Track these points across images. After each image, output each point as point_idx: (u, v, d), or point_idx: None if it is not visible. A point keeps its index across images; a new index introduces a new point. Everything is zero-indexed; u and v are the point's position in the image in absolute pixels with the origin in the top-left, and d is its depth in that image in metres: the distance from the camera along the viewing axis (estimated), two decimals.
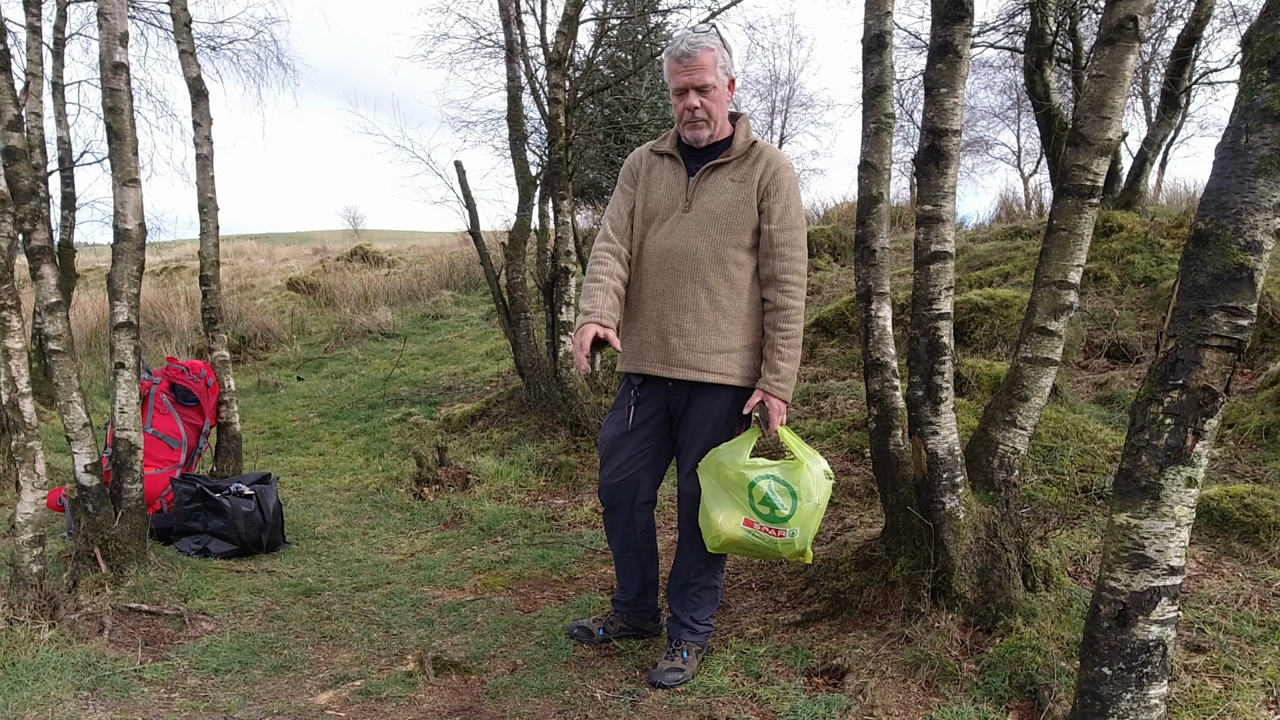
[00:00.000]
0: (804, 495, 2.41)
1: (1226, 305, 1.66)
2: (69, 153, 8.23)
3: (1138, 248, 6.29)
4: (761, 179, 2.52)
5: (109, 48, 3.32)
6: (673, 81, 2.50)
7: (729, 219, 2.51)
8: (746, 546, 2.46)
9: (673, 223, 2.55)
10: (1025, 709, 2.25)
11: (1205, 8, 7.25)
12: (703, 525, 2.51)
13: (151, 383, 4.39)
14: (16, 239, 3.16)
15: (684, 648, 2.60)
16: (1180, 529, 1.76)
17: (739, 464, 2.44)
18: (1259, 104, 1.64)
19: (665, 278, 2.54)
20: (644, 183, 2.64)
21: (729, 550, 2.51)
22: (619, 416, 2.67)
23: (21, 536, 2.87)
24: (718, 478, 2.46)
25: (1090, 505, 3.44)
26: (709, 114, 2.50)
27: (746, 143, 2.56)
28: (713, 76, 2.46)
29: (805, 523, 2.42)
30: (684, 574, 2.66)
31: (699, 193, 2.54)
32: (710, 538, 2.48)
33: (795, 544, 2.41)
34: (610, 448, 2.66)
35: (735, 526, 2.43)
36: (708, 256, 2.50)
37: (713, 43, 2.46)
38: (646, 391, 2.61)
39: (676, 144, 2.63)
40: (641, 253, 2.61)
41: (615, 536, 2.75)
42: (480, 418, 6.03)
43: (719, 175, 2.54)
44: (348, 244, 19.57)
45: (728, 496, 2.44)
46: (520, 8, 6.67)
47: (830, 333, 6.25)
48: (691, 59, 2.43)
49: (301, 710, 2.40)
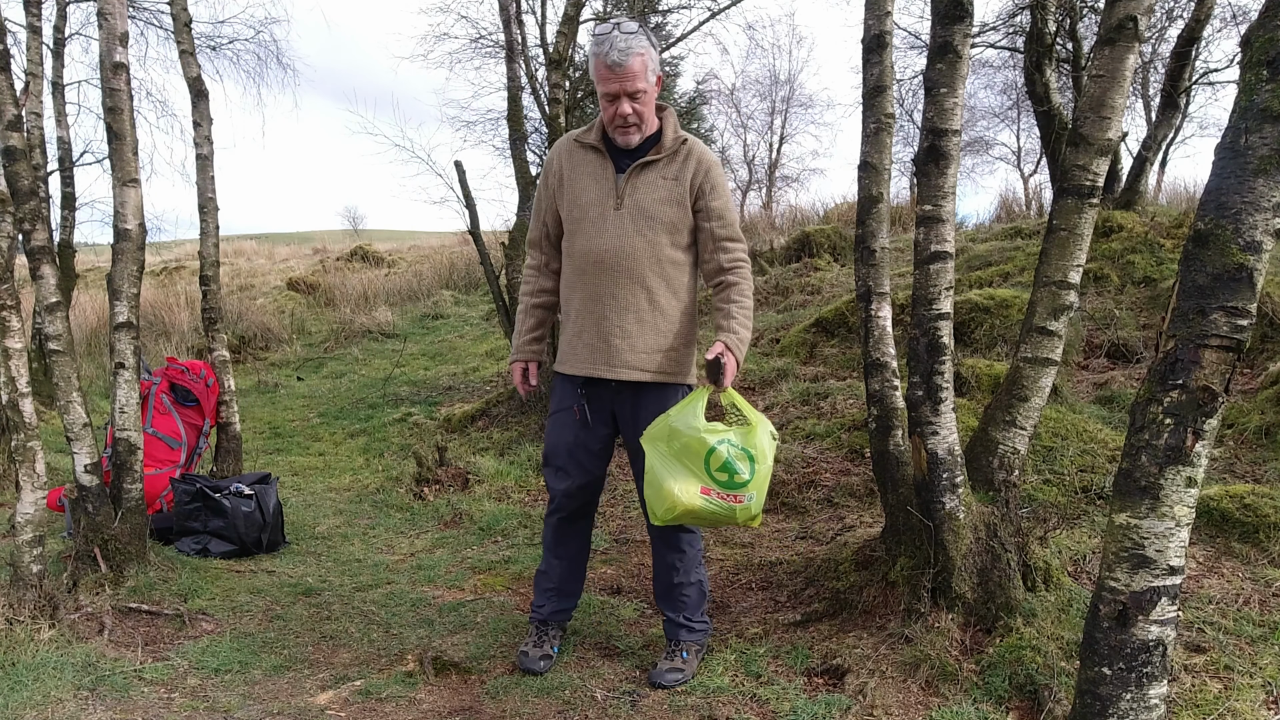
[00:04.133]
0: (760, 458, 2.34)
1: (1226, 305, 1.66)
2: (69, 153, 8.23)
3: (1138, 248, 6.29)
4: (694, 178, 2.49)
5: (109, 48, 3.32)
6: (602, 86, 2.40)
7: (664, 217, 2.48)
8: (702, 515, 2.37)
9: (604, 221, 2.49)
10: (1025, 709, 2.25)
11: (1205, 8, 7.25)
12: (651, 498, 2.40)
13: (151, 383, 4.39)
14: (16, 239, 3.16)
15: (683, 647, 2.60)
16: (1180, 529, 1.76)
17: (697, 428, 2.34)
18: (1259, 104, 1.64)
19: (602, 278, 2.49)
20: (568, 179, 2.56)
21: (680, 521, 2.40)
22: (568, 419, 2.60)
23: (21, 536, 2.87)
24: (669, 446, 2.36)
25: (1090, 505, 3.44)
26: (640, 118, 2.45)
27: (677, 139, 2.53)
28: (644, 82, 2.39)
29: (761, 486, 2.36)
30: (665, 576, 2.66)
31: (630, 190, 2.49)
32: (663, 510, 2.37)
33: (751, 508, 2.35)
34: (568, 451, 2.60)
35: (693, 496, 2.33)
36: (645, 256, 2.47)
37: (642, 46, 2.37)
38: (591, 393, 2.57)
39: (603, 137, 2.54)
40: (572, 252, 2.55)
41: (570, 541, 2.72)
42: (480, 418, 6.03)
43: (650, 173, 2.50)
44: (348, 244, 19.59)
45: (681, 465, 2.34)
46: (520, 8, 6.68)
47: (830, 333, 6.24)
48: (624, 67, 2.34)
49: (301, 710, 2.40)
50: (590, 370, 2.54)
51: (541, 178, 2.66)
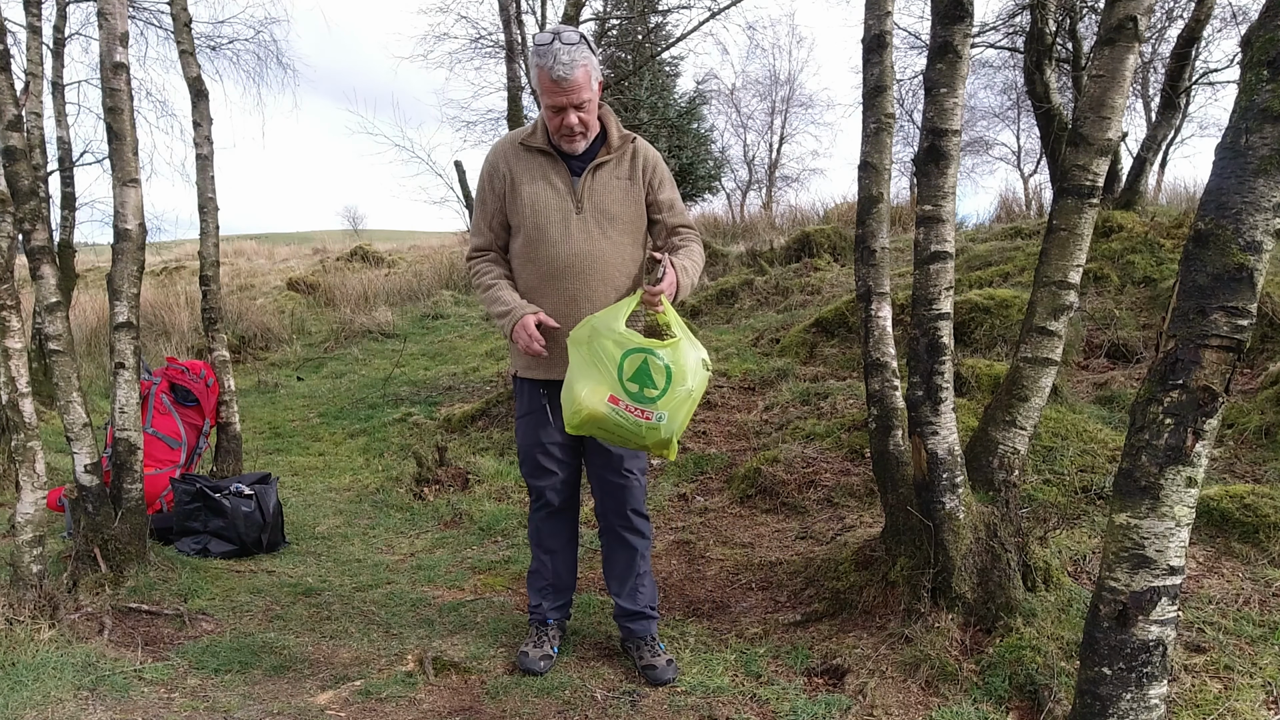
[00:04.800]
0: (678, 377, 2.24)
1: (1226, 305, 1.66)
2: (69, 153, 8.23)
3: (1138, 248, 6.29)
4: (645, 174, 2.55)
5: (109, 48, 3.32)
6: (547, 99, 2.39)
7: (625, 217, 2.53)
8: (609, 427, 2.29)
9: (568, 226, 2.48)
10: (1025, 709, 2.25)
11: (1205, 8, 7.25)
12: (565, 400, 2.34)
13: (151, 383, 4.39)
14: (16, 239, 3.16)
15: (657, 639, 2.67)
16: (1180, 529, 1.76)
17: (616, 330, 2.28)
18: (1259, 104, 1.64)
19: (573, 282, 2.49)
20: (519, 184, 2.51)
21: (587, 430, 2.33)
22: (539, 420, 2.60)
23: (21, 536, 2.87)
24: (589, 349, 2.30)
25: (1090, 505, 3.44)
26: (586, 125, 2.46)
27: (624, 139, 2.56)
28: (588, 92, 2.40)
29: (675, 410, 2.25)
30: (621, 569, 2.70)
31: (589, 193, 2.50)
32: (570, 414, 2.31)
33: (660, 431, 2.25)
34: (540, 454, 2.63)
35: (599, 402, 2.25)
36: (613, 258, 2.50)
37: (585, 57, 2.35)
38: (553, 392, 2.54)
39: (548, 140, 2.52)
40: (534, 259, 2.52)
41: (560, 534, 2.76)
42: (480, 418, 6.03)
43: (604, 173, 2.52)
44: (348, 244, 19.59)
45: (595, 370, 2.28)
46: (520, 8, 6.68)
47: (830, 333, 6.24)
48: (569, 80, 2.33)
49: (301, 710, 2.39)
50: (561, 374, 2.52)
51: (485, 182, 2.59)
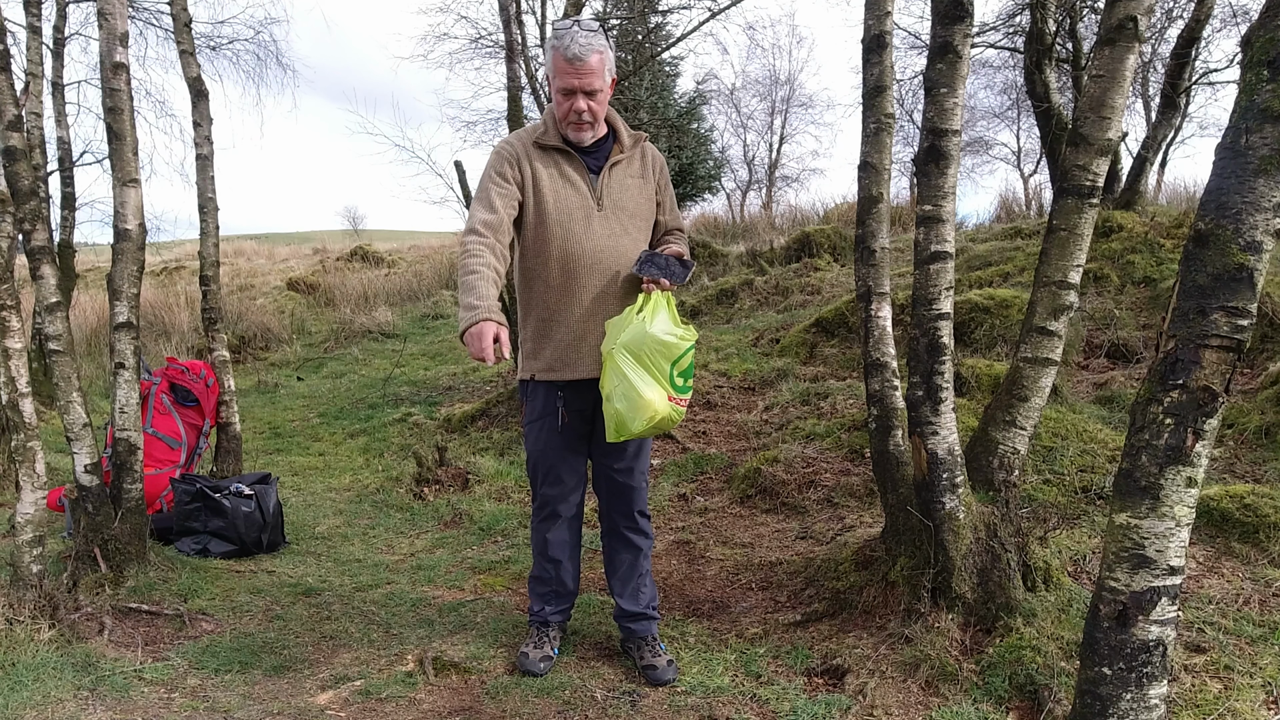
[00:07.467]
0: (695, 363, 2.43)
1: (1226, 305, 1.66)
2: (69, 153, 8.24)
3: (1138, 248, 6.29)
4: (653, 173, 2.62)
5: (109, 48, 3.32)
6: (559, 80, 2.40)
7: (643, 215, 2.59)
8: (661, 424, 2.39)
9: (590, 223, 2.49)
10: (1025, 709, 2.25)
11: (1205, 8, 7.25)
12: (626, 411, 2.35)
13: (151, 383, 4.39)
14: (16, 239, 3.17)
15: (658, 639, 2.67)
16: (1180, 529, 1.76)
17: (676, 333, 2.39)
18: (1259, 104, 1.64)
19: (597, 279, 2.50)
20: (539, 180, 2.49)
21: (645, 434, 2.40)
22: (550, 424, 2.57)
23: (21, 536, 2.87)
24: (641, 353, 2.36)
25: (1090, 505, 3.44)
26: (594, 116, 2.47)
27: (635, 138, 2.59)
28: (601, 80, 2.41)
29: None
30: (625, 570, 2.70)
31: (607, 190, 2.53)
32: (644, 420, 2.34)
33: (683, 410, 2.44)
34: (553, 460, 2.60)
35: (665, 403, 2.36)
36: (632, 253, 2.53)
37: (602, 44, 2.39)
38: (570, 394, 2.56)
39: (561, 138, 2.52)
40: (551, 256, 2.50)
41: (568, 544, 2.73)
42: (480, 418, 6.03)
43: (619, 171, 2.55)
44: (348, 244, 19.57)
45: (649, 373, 2.36)
46: (520, 8, 6.68)
47: (830, 333, 6.25)
48: (584, 62, 2.35)
49: (301, 710, 2.39)
50: (577, 374, 2.53)
51: (503, 168, 2.48)
